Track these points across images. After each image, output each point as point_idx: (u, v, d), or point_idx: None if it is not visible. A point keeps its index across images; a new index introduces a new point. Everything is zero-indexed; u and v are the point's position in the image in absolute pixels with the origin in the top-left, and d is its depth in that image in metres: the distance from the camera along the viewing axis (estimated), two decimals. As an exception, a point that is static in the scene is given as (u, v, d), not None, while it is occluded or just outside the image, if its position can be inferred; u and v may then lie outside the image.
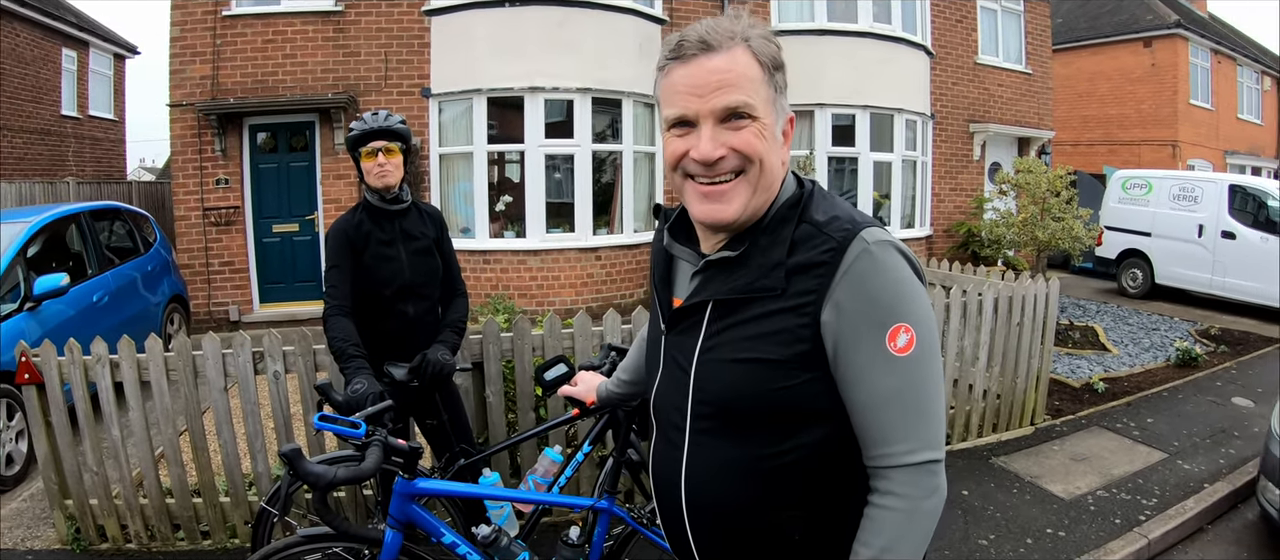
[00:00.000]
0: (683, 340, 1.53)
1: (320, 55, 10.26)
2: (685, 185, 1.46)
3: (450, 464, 3.42)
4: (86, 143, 18.04)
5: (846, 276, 1.34)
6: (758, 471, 1.44)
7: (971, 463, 5.46)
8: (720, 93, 1.36)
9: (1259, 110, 26.41)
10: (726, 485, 1.47)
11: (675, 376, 1.55)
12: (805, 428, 1.41)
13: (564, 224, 10.67)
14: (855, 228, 1.37)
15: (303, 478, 2.19)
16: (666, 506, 1.61)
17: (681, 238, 1.62)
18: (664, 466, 1.60)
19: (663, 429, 1.61)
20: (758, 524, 1.47)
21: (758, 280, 1.40)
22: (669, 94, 1.42)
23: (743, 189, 1.41)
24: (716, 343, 1.45)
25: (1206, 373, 8.03)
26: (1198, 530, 4.75)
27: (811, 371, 1.37)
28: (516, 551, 2.72)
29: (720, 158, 1.38)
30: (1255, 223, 11.57)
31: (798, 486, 1.44)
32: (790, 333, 1.36)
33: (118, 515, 4.22)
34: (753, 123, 1.38)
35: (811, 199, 1.46)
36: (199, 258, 10.30)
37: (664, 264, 1.66)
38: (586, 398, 2.50)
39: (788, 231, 1.41)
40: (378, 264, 3.31)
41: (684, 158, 1.42)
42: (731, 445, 1.46)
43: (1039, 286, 6.02)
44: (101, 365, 3.98)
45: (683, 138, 1.42)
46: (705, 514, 1.52)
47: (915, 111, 13.23)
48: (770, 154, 1.42)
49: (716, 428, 1.47)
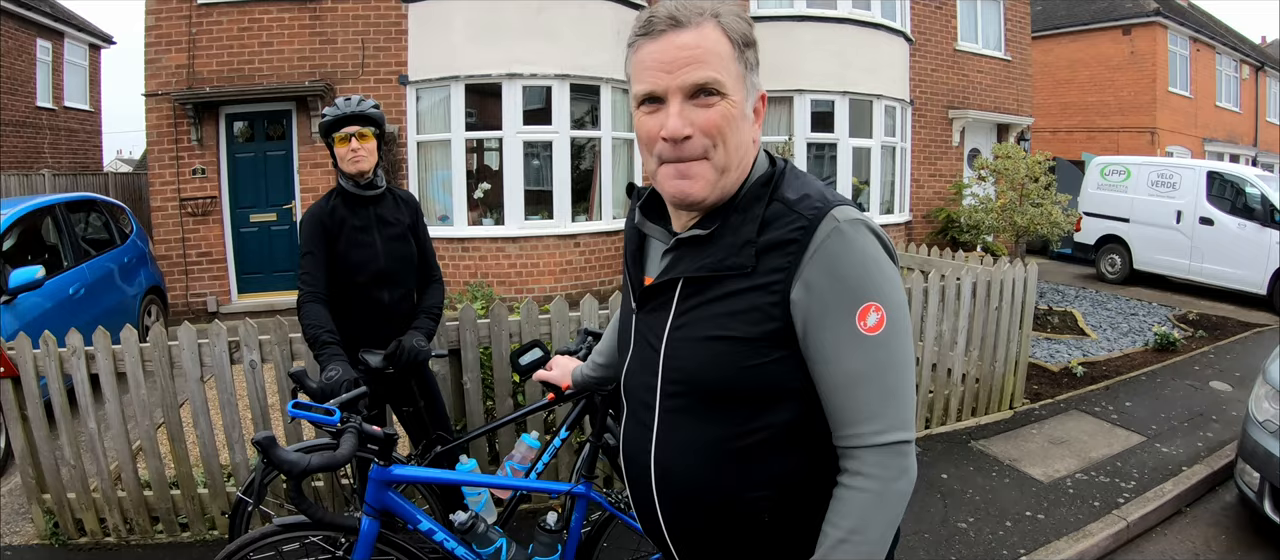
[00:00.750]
0: (653, 319, 1.52)
1: (297, 43, 10.16)
2: (658, 168, 1.45)
3: (427, 451, 3.40)
4: (62, 134, 17.84)
5: (817, 255, 1.33)
6: (727, 450, 1.43)
7: (950, 446, 5.49)
8: (689, 69, 1.35)
9: (1237, 98, 26.61)
10: (696, 464, 1.47)
11: (645, 355, 1.54)
12: (775, 407, 1.40)
13: (543, 211, 10.63)
14: (826, 206, 1.36)
15: (276, 465, 2.17)
16: (637, 487, 1.60)
17: (654, 216, 1.61)
18: (634, 446, 1.59)
19: (633, 408, 1.61)
20: (727, 503, 1.46)
21: (728, 258, 1.39)
22: (638, 70, 1.41)
23: (711, 168, 1.40)
24: (686, 321, 1.44)
25: (1185, 357, 8.11)
26: (1176, 512, 4.79)
27: (781, 350, 1.37)
28: (494, 538, 2.71)
29: (688, 136, 1.37)
30: (1233, 209, 11.67)
31: (767, 466, 1.43)
32: (760, 311, 1.35)
33: (96, 509, 4.18)
34: (722, 100, 1.37)
35: (783, 177, 1.45)
36: (176, 248, 10.21)
37: (636, 242, 1.66)
38: (561, 382, 2.49)
39: (759, 210, 1.40)
40: (352, 250, 3.28)
41: (656, 139, 1.41)
42: (701, 424, 1.45)
43: (1017, 271, 6.04)
44: (77, 357, 3.94)
45: (652, 115, 1.41)
46: (675, 493, 1.51)
47: (894, 97, 13.26)
48: (740, 133, 1.41)
49: (686, 406, 1.47)
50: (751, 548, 1.50)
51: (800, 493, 1.45)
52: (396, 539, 2.66)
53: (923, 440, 5.54)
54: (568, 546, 2.85)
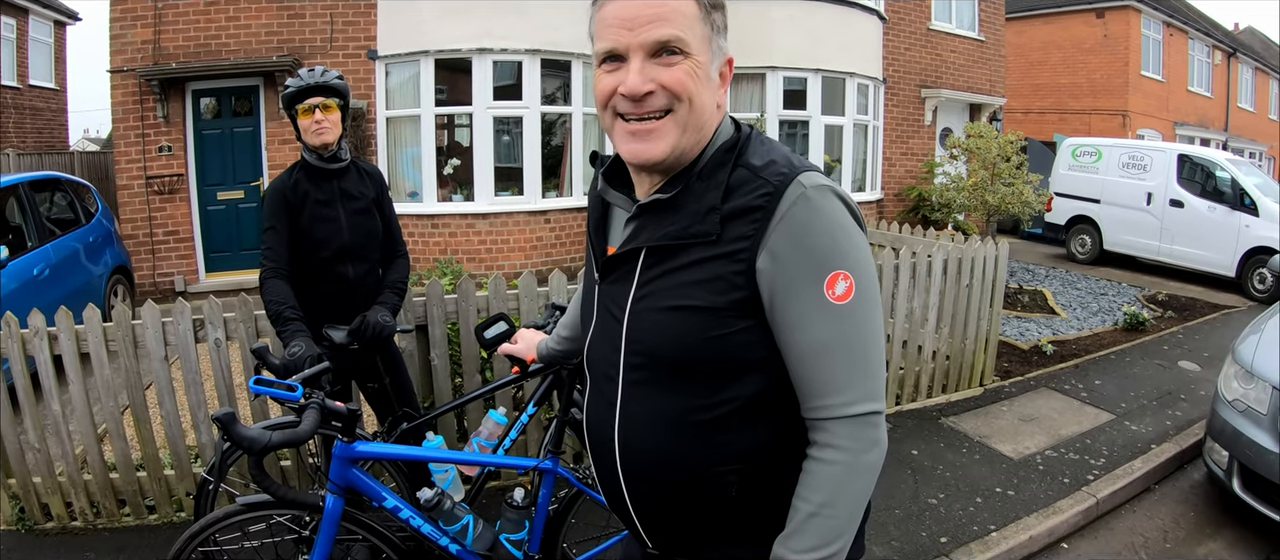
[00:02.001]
0: (616, 290, 1.49)
1: (264, 18, 9.98)
2: (614, 124, 1.41)
3: (393, 428, 3.36)
4: (27, 113, 17.49)
5: (783, 222, 1.30)
6: (692, 424, 1.40)
7: (921, 423, 5.51)
8: (652, 26, 1.32)
9: (1209, 83, 26.85)
10: (660, 438, 1.44)
11: (608, 327, 1.51)
12: (740, 378, 1.38)
13: (513, 187, 10.57)
14: (792, 172, 1.33)
15: (237, 442, 2.14)
16: (601, 462, 1.57)
17: (617, 184, 1.58)
18: (597, 420, 1.56)
19: (596, 381, 1.57)
20: (693, 478, 1.43)
21: (692, 226, 1.35)
22: (601, 28, 1.38)
23: (671, 128, 1.36)
24: (650, 290, 1.41)
25: (1154, 337, 8.18)
26: (1145, 490, 4.84)
27: (747, 320, 1.34)
28: (460, 515, 2.68)
29: (648, 93, 1.34)
30: (1203, 192, 11.77)
31: (734, 439, 1.41)
32: (725, 280, 1.33)
33: (62, 493, 4.12)
34: (685, 59, 1.34)
35: (748, 143, 1.42)
36: (143, 228, 10.04)
37: (599, 212, 1.62)
38: (526, 355, 2.47)
39: (723, 176, 1.37)
40: (315, 225, 3.23)
41: (613, 95, 1.37)
42: (665, 396, 1.42)
43: (988, 248, 6.07)
44: (39, 338, 3.86)
45: (612, 73, 1.37)
46: (639, 468, 1.49)
47: (867, 76, 13.25)
48: (702, 93, 1.37)
49: (650, 378, 1.44)
50: (718, 522, 1.48)
51: (768, 467, 1.43)
52: (362, 517, 2.64)
53: (893, 417, 5.57)
54: (535, 522, 2.84)
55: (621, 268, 1.48)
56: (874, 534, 4.02)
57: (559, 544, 3.05)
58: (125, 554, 3.87)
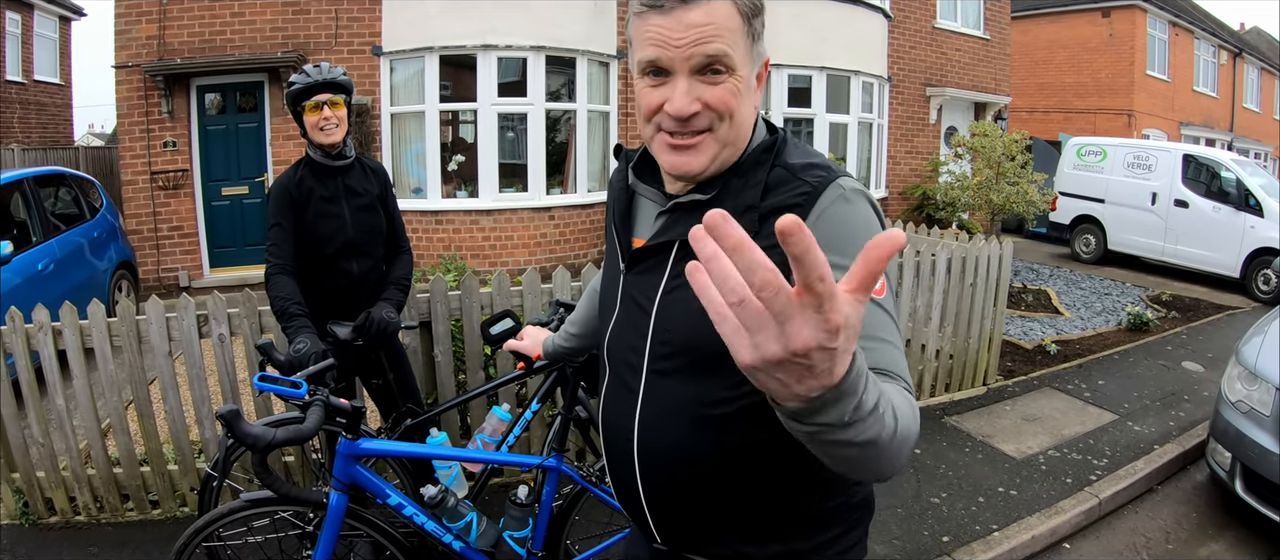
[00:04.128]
0: (644, 280, 1.50)
1: (269, 13, 9.99)
2: (655, 136, 1.43)
3: (397, 424, 3.37)
4: (32, 108, 17.53)
5: (821, 221, 1.32)
6: (714, 416, 1.42)
7: (924, 422, 5.48)
8: (698, 44, 1.32)
9: (1214, 83, 26.75)
10: (681, 429, 1.45)
11: (634, 317, 1.52)
12: None
13: (517, 184, 10.58)
14: (830, 175, 1.37)
15: (240, 439, 2.14)
16: (616, 453, 1.58)
17: (645, 177, 1.59)
18: (616, 411, 1.57)
19: (617, 371, 1.58)
20: (711, 471, 1.44)
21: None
22: (642, 37, 1.38)
23: (712, 143, 1.39)
24: (682, 282, 1.41)
25: (1157, 337, 8.16)
26: (1148, 490, 4.83)
27: None
28: (464, 512, 2.69)
29: (694, 114, 1.36)
30: (1208, 193, 11.73)
31: (753, 434, 1.41)
32: None
33: (66, 487, 4.13)
34: (730, 76, 1.35)
35: (786, 145, 1.45)
36: (147, 223, 10.06)
37: (625, 203, 1.62)
38: (532, 352, 2.46)
39: (761, 175, 1.40)
40: (320, 221, 3.23)
41: (659, 111, 1.39)
42: (689, 387, 1.44)
43: (992, 248, 6.06)
44: (43, 333, 3.86)
45: (657, 88, 1.38)
46: (657, 459, 1.49)
47: (872, 74, 13.23)
48: (744, 107, 1.39)
49: (675, 369, 1.45)
50: (730, 517, 1.49)
51: (784, 462, 1.43)
52: (366, 514, 2.64)
53: (897, 417, 5.54)
54: (539, 520, 2.84)
55: (651, 259, 1.49)
56: (876, 533, 4.02)
57: (562, 541, 3.05)
58: (128, 549, 3.88)
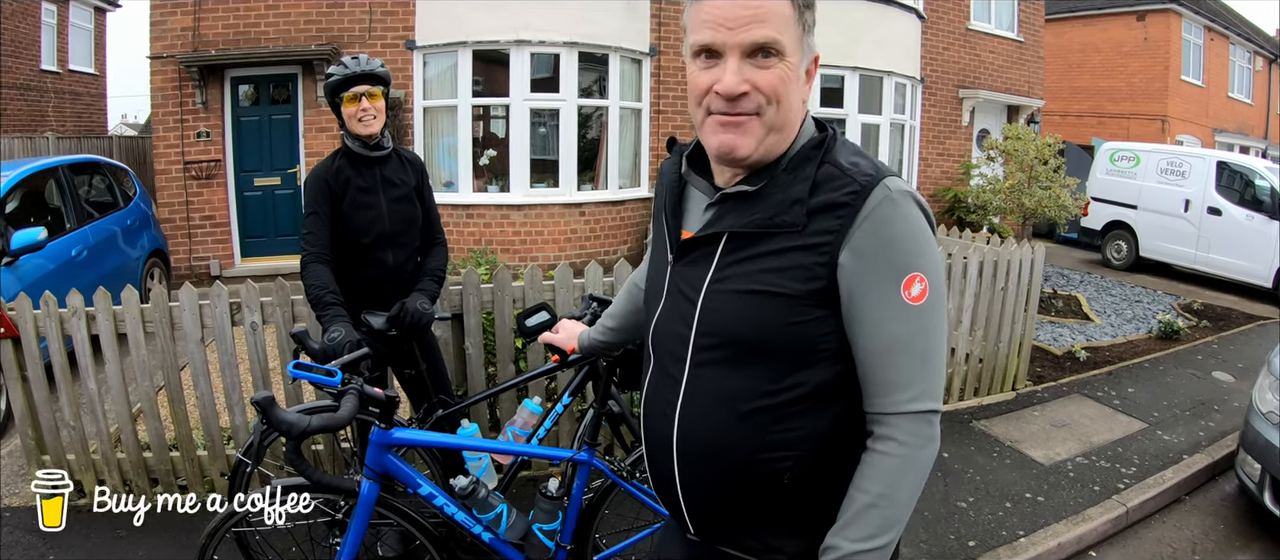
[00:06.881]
0: (691, 271, 1.52)
1: (303, 6, 10.06)
2: (704, 119, 1.45)
3: (428, 415, 3.39)
4: (67, 97, 17.76)
5: (868, 220, 1.35)
6: (755, 409, 1.44)
7: (952, 425, 5.47)
8: (750, 27, 1.35)
9: (1249, 90, 26.34)
10: (722, 419, 1.46)
11: (680, 307, 1.54)
12: (807, 367, 1.41)
13: (548, 179, 10.58)
14: (879, 174, 1.38)
15: (275, 426, 2.15)
16: (655, 441, 1.60)
17: (697, 169, 1.61)
18: (657, 399, 1.59)
19: (661, 360, 1.60)
20: (748, 462, 1.46)
21: (778, 215, 1.40)
22: (697, 21, 1.41)
23: (759, 127, 1.40)
24: (729, 274, 1.45)
25: (1188, 346, 8.06)
26: (1176, 500, 4.78)
27: (822, 309, 1.38)
28: (494, 503, 2.69)
29: (743, 94, 1.37)
30: (1242, 200, 11.59)
31: (792, 427, 1.43)
32: (806, 269, 1.37)
33: (95, 470, 4.18)
34: (780, 61, 1.38)
35: (835, 142, 1.47)
36: (180, 212, 10.16)
37: (676, 195, 1.64)
38: (567, 345, 2.47)
39: (810, 171, 1.42)
40: (356, 211, 3.25)
41: (708, 92, 1.41)
42: (731, 379, 1.45)
43: (1024, 252, 6.01)
44: (77, 318, 3.92)
45: (708, 70, 1.41)
46: (696, 448, 1.51)
47: (905, 75, 13.11)
48: (792, 95, 1.41)
49: (718, 359, 1.47)
50: (765, 510, 1.51)
51: (820, 457, 1.46)
52: (396, 503, 2.66)
53: (925, 420, 5.51)
54: (568, 513, 2.84)
55: (699, 250, 1.51)
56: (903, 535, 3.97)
57: (591, 535, 3.06)
58: (156, 532, 3.90)
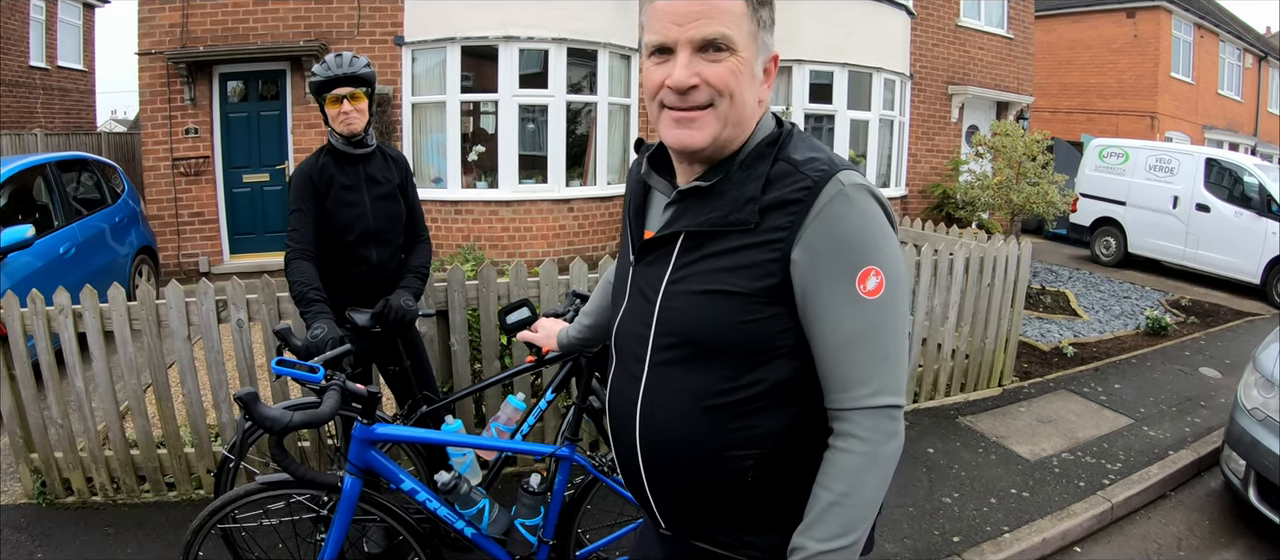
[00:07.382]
0: (651, 271, 1.53)
1: (292, 3, 10.03)
2: (660, 114, 1.46)
3: (413, 411, 3.40)
4: (55, 93, 17.68)
5: (820, 217, 1.35)
6: (714, 406, 1.44)
7: (938, 421, 5.50)
8: (700, 23, 1.37)
9: (1239, 87, 26.43)
10: (682, 417, 1.47)
11: (640, 308, 1.55)
12: (764, 365, 1.42)
13: (537, 175, 10.60)
14: (832, 169, 1.38)
15: (258, 422, 2.16)
16: (621, 441, 1.61)
17: (659, 170, 1.62)
18: (620, 398, 1.60)
19: (623, 361, 1.62)
20: (711, 459, 1.47)
21: (731, 214, 1.41)
22: (651, 21, 1.43)
23: (712, 120, 1.42)
24: (685, 274, 1.46)
25: (1175, 342, 8.10)
26: (1161, 496, 4.80)
27: (777, 307, 1.38)
28: (476, 499, 2.70)
29: (692, 87, 1.39)
30: (1230, 197, 11.64)
31: (753, 424, 1.44)
32: (759, 267, 1.37)
33: (83, 468, 4.18)
34: (731, 55, 1.39)
35: (790, 139, 1.48)
36: (168, 209, 10.14)
37: (639, 196, 1.67)
38: (544, 344, 2.49)
39: (763, 168, 1.43)
40: (340, 208, 3.26)
41: (661, 88, 1.43)
42: (690, 378, 1.46)
43: (1010, 248, 6.04)
44: (64, 316, 3.91)
45: (661, 65, 1.43)
46: (659, 447, 1.52)
47: (894, 71, 13.17)
48: (745, 90, 1.43)
49: (677, 359, 1.48)
50: (732, 506, 1.51)
51: (783, 454, 1.46)
52: (379, 499, 2.66)
53: (910, 414, 5.55)
54: (551, 509, 2.86)
55: (658, 250, 1.52)
56: (887, 531, 4.03)
57: (573, 530, 3.07)
58: (144, 529, 3.93)
